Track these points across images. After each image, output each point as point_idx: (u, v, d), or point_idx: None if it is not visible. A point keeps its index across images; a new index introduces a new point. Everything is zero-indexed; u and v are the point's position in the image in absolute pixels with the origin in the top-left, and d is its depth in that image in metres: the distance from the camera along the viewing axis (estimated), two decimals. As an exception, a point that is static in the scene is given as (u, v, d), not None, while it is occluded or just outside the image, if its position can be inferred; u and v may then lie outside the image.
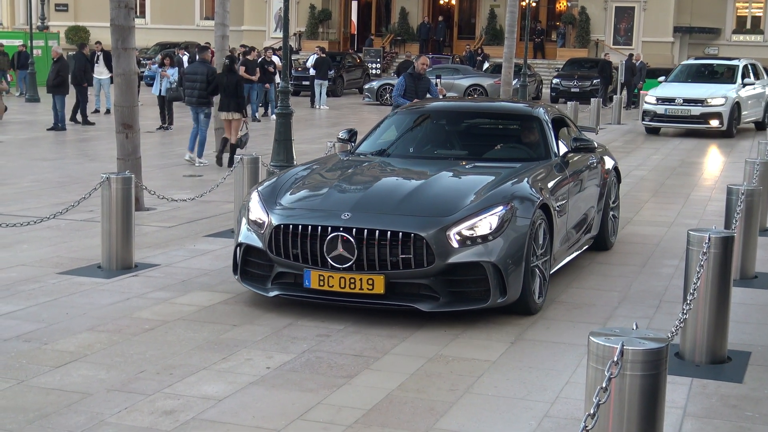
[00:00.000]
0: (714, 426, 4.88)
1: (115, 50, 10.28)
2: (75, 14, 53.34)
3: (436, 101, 10.54)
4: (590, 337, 3.53)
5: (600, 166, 9.12)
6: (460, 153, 8.43)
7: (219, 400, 5.06)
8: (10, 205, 11.23)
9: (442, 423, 4.83)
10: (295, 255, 6.59)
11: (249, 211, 7.05)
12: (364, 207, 6.70)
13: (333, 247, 6.41)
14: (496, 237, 6.48)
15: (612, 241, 9.44)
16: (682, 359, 5.83)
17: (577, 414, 4.95)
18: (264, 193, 7.16)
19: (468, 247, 6.43)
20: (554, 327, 6.63)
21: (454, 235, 6.41)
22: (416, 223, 6.45)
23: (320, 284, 6.47)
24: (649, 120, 22.92)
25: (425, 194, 6.96)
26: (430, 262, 6.33)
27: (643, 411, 3.49)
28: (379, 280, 6.35)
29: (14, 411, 4.85)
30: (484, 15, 47.48)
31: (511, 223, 6.59)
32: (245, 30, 47.48)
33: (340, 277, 6.41)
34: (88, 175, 13.91)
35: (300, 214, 6.79)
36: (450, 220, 6.49)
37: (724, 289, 5.79)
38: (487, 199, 6.76)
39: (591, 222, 8.71)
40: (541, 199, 6.96)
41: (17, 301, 6.98)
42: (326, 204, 6.88)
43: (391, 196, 6.90)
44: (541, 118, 8.53)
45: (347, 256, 6.38)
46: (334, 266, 6.42)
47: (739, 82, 23.18)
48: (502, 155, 8.41)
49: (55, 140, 19.64)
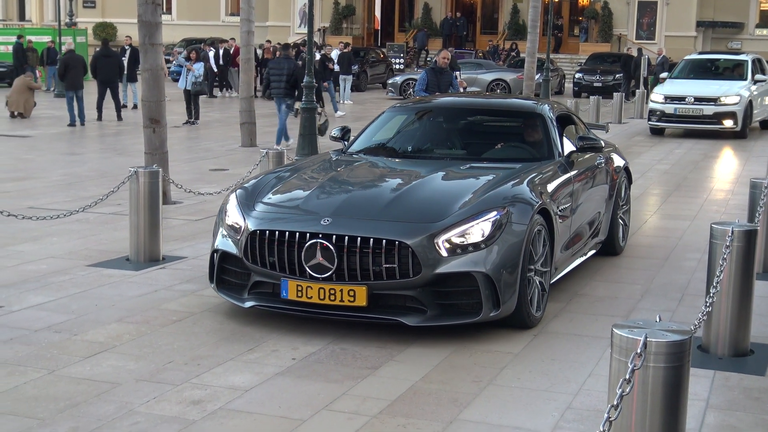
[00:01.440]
0: (737, 418, 4.86)
1: (143, 46, 10.34)
2: (102, 11, 53.65)
3: (433, 97, 9.74)
4: (614, 329, 3.52)
5: (608, 167, 8.44)
6: (458, 152, 7.78)
7: (246, 390, 5.09)
8: (39, 199, 11.32)
9: (465, 414, 4.83)
10: (272, 263, 6.02)
11: (226, 215, 6.51)
12: (346, 211, 6.07)
13: (312, 255, 5.82)
14: (489, 245, 5.87)
15: (621, 246, 8.81)
16: (705, 352, 5.80)
17: (600, 406, 4.94)
18: (242, 195, 6.57)
19: (458, 256, 5.83)
20: (577, 319, 6.61)
21: (443, 242, 5.82)
22: (402, 230, 5.84)
23: (298, 295, 5.89)
24: (656, 120, 20.89)
25: (414, 198, 6.31)
26: (417, 272, 5.74)
27: (666, 402, 3.48)
28: (361, 291, 5.76)
29: (45, 400, 4.90)
30: (506, 10, 47.34)
31: (505, 230, 5.97)
32: (270, 26, 47.59)
33: (320, 288, 5.82)
34: (116, 169, 13.99)
35: (277, 218, 6.18)
36: (439, 226, 5.88)
37: (747, 282, 5.75)
38: (480, 204, 6.12)
39: (598, 226, 8.09)
40: (540, 203, 6.34)
41: (48, 292, 7.04)
42: (306, 208, 6.25)
43: (377, 200, 6.26)
44: (545, 116, 7.84)
45: (327, 266, 5.80)
46: (313, 276, 5.84)
47: (749, 78, 21.22)
48: (502, 155, 7.69)
49: (83, 135, 19.77)
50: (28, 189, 12.17)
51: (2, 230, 9.21)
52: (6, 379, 5.19)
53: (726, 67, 22.45)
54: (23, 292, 7.03)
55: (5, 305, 6.65)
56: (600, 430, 3.07)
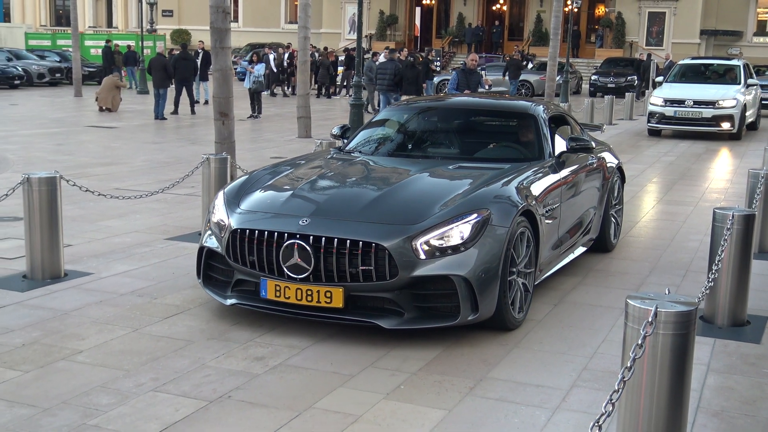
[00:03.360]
0: (734, 381, 4.79)
1: (214, 49, 10.35)
2: (179, 18, 53.98)
3: (431, 97, 8.97)
4: (628, 300, 3.48)
5: (601, 166, 7.61)
6: (451, 151, 6.95)
7: (302, 348, 5.10)
8: (125, 181, 11.44)
9: (493, 372, 4.81)
10: (251, 262, 5.36)
11: (213, 212, 5.85)
12: (325, 212, 5.35)
13: (289, 255, 5.16)
14: (468, 248, 5.14)
15: (614, 243, 7.99)
16: (707, 322, 5.73)
17: (613, 368, 4.89)
18: (229, 193, 5.92)
19: (436, 259, 5.09)
20: (592, 292, 6.55)
21: (420, 245, 5.09)
22: (379, 232, 5.11)
23: (276, 295, 5.24)
24: (655, 122, 19.41)
25: (395, 199, 5.53)
26: (393, 274, 5.03)
27: (673, 365, 3.43)
28: (337, 293, 5.09)
29: (130, 354, 4.96)
30: (531, 19, 46.99)
31: (486, 233, 5.22)
32: (323, 32, 47.60)
33: (297, 289, 5.17)
34: (190, 156, 14.09)
35: (258, 218, 5.48)
36: (417, 228, 5.14)
37: (745, 261, 5.68)
38: (461, 206, 5.37)
39: (590, 225, 7.33)
40: (523, 205, 5.57)
41: (132, 261, 7.11)
42: (287, 208, 5.50)
43: (357, 200, 5.51)
44: (538, 117, 7.02)
45: (304, 266, 5.13)
46: (290, 276, 5.18)
47: (742, 82, 19.87)
48: (494, 155, 6.86)
49: (161, 126, 19.92)
50: (115, 173, 12.30)
51: (93, 208, 9.32)
52: (97, 336, 5.26)
53: (718, 72, 21.06)
54: (111, 261, 7.11)
55: (95, 272, 6.73)
56: (615, 388, 3.03)
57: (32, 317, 5.57)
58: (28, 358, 4.85)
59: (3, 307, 5.78)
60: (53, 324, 5.44)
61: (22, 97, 28.20)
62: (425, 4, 49.48)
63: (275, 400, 4.33)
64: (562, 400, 4.44)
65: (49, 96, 28.90)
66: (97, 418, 4.07)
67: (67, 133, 17.72)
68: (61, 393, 4.36)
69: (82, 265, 6.92)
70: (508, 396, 4.47)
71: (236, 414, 4.16)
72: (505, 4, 48.92)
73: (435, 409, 4.27)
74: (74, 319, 5.57)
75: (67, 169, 12.03)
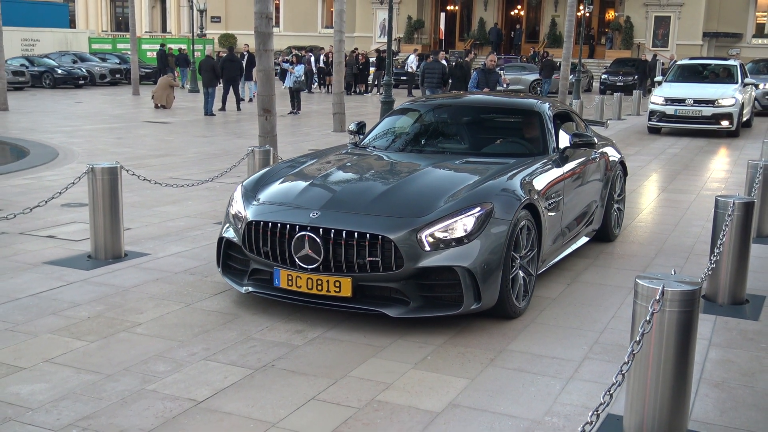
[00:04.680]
0: (734, 354, 4.73)
1: (258, 51, 10.37)
2: (226, 24, 54.13)
3: (442, 95, 8.24)
4: (637, 279, 3.44)
5: (603, 161, 7.30)
6: (460, 147, 6.64)
7: (337, 323, 5.10)
8: (178, 171, 11.50)
9: (512, 345, 4.79)
10: (266, 253, 5.17)
11: (232, 204, 5.66)
12: (335, 205, 5.13)
13: (300, 246, 4.96)
14: (471, 240, 4.90)
15: (616, 233, 7.68)
16: (708, 300, 5.65)
17: (621, 342, 4.85)
18: (247, 186, 5.74)
19: (441, 251, 4.85)
20: (603, 272, 6.49)
21: (425, 237, 4.86)
22: (386, 225, 4.88)
23: (288, 284, 5.04)
24: (656, 120, 18.46)
25: (402, 192, 5.28)
26: (399, 265, 4.82)
27: (678, 340, 3.40)
28: (346, 282, 4.88)
29: (183, 327, 4.99)
30: (546, 23, 46.55)
31: (488, 225, 4.97)
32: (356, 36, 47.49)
33: (308, 278, 4.97)
34: (236, 148, 14.14)
35: (273, 210, 5.28)
36: (422, 221, 4.91)
37: (745, 244, 5.60)
38: (465, 199, 5.11)
39: (592, 216, 7.03)
40: (526, 198, 5.31)
41: (184, 243, 7.15)
42: (299, 201, 5.29)
43: (366, 194, 5.26)
44: (542, 113, 6.74)
45: (314, 257, 4.93)
46: (302, 266, 4.99)
47: (740, 82, 18.87)
48: (500, 150, 6.56)
49: (210, 122, 20.01)
50: (169, 163, 12.37)
51: (150, 195, 9.39)
52: (154, 310, 5.30)
53: (715, 72, 19.99)
54: (166, 243, 7.16)
55: (152, 253, 6.78)
56: (625, 360, 3.01)
57: (96, 293, 5.63)
58: (93, 329, 4.90)
59: (70, 284, 5.85)
60: (115, 299, 5.49)
61: (85, 95, 28.47)
62: (449, 10, 49.20)
63: (314, 369, 4.34)
64: (575, 370, 4.41)
65: (110, 95, 29.14)
66: (155, 384, 4.11)
67: (126, 127, 17.86)
68: (122, 361, 4.40)
69: (140, 247, 6.98)
70: (525, 367, 4.45)
71: (279, 381, 4.18)
72: (522, 9, 48.50)
73: (459, 378, 4.26)
74: (134, 294, 5.61)
75: (127, 160, 12.13)
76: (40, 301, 5.40)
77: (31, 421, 3.67)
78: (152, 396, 3.96)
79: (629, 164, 11.67)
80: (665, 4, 42.70)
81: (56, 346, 4.59)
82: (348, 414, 3.81)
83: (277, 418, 3.75)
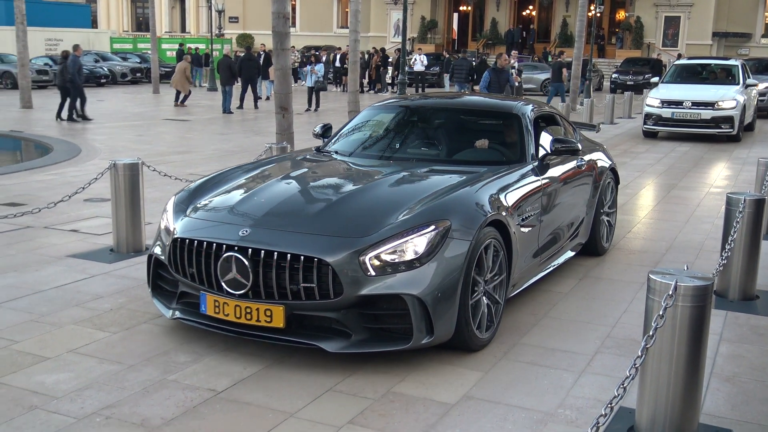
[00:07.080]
0: (744, 349, 4.69)
1: (275, 51, 10.37)
2: (244, 24, 54.22)
3: (414, 96, 7.21)
4: (650, 275, 3.41)
5: (590, 168, 6.48)
6: (428, 153, 5.77)
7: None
8: (197, 167, 11.53)
9: (525, 339, 4.77)
10: (191, 275, 4.40)
11: (163, 216, 4.89)
12: (269, 222, 4.34)
13: (227, 269, 4.19)
14: (423, 263, 4.09)
15: (605, 247, 6.85)
16: (720, 296, 5.62)
17: (633, 336, 4.82)
18: (181, 197, 4.95)
19: (387, 276, 4.05)
20: (614, 267, 6.46)
21: (369, 260, 4.06)
22: (323, 245, 4.09)
23: (216, 311, 4.28)
24: (652, 124, 16.75)
25: (349, 207, 4.46)
26: (338, 293, 4.04)
27: (690, 334, 3.37)
28: (278, 311, 4.11)
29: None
30: (558, 23, 46.37)
31: (444, 246, 4.17)
32: (370, 36, 47.46)
33: (236, 305, 4.20)
34: (254, 145, 14.16)
35: (201, 226, 4.49)
36: (366, 241, 4.11)
37: (756, 241, 5.56)
38: (419, 215, 4.29)
39: (578, 229, 6.25)
40: (491, 213, 4.52)
41: (204, 238, 7.15)
42: (231, 215, 4.50)
43: (308, 208, 4.48)
44: (521, 117, 5.88)
45: (242, 281, 4.16)
46: (229, 292, 4.22)
47: (741, 83, 17.24)
48: (472, 157, 5.64)
49: (228, 119, 20.06)
50: (189, 160, 12.41)
51: (170, 190, 9.41)
52: (174, 302, 5.29)
53: (715, 72, 18.29)
54: (186, 237, 7.16)
55: (173, 247, 6.78)
56: (638, 354, 2.99)
57: (118, 285, 5.65)
58: (116, 321, 4.92)
59: (93, 276, 5.87)
60: (136, 291, 5.51)
61: (107, 93, 28.61)
62: (462, 10, 49.06)
63: (331, 361, 4.33)
64: (587, 364, 4.38)
65: (131, 93, 29.27)
66: (176, 374, 4.12)
67: (147, 125, 17.93)
68: (144, 352, 4.41)
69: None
70: (538, 360, 4.43)
71: (297, 372, 4.18)
72: (534, 9, 48.33)
73: (473, 371, 4.25)
74: (155, 287, 5.62)
75: (148, 157, 12.17)
76: (64, 293, 5.43)
77: (56, 410, 3.69)
78: (173, 386, 3.97)
79: (621, 172, 11.61)
80: (675, 4, 42.44)
81: (80, 337, 4.61)
82: (364, 405, 3.81)
83: (295, 408, 3.75)
